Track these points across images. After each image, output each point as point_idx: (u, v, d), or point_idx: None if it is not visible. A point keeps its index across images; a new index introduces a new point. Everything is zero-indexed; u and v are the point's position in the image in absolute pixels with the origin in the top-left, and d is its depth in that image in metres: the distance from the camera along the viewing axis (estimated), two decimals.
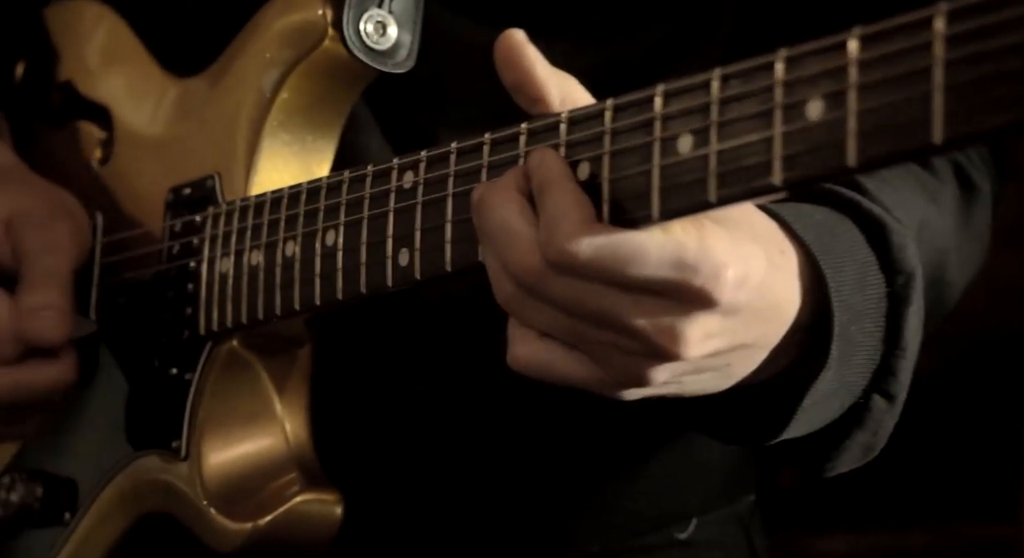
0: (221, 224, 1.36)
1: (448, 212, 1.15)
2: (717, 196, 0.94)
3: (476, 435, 1.42)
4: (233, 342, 1.36)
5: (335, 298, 1.24)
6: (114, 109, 1.54)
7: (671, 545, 1.46)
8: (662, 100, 0.98)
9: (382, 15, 1.32)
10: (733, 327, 1.03)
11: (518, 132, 1.10)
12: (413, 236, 1.17)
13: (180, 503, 1.37)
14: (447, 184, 1.15)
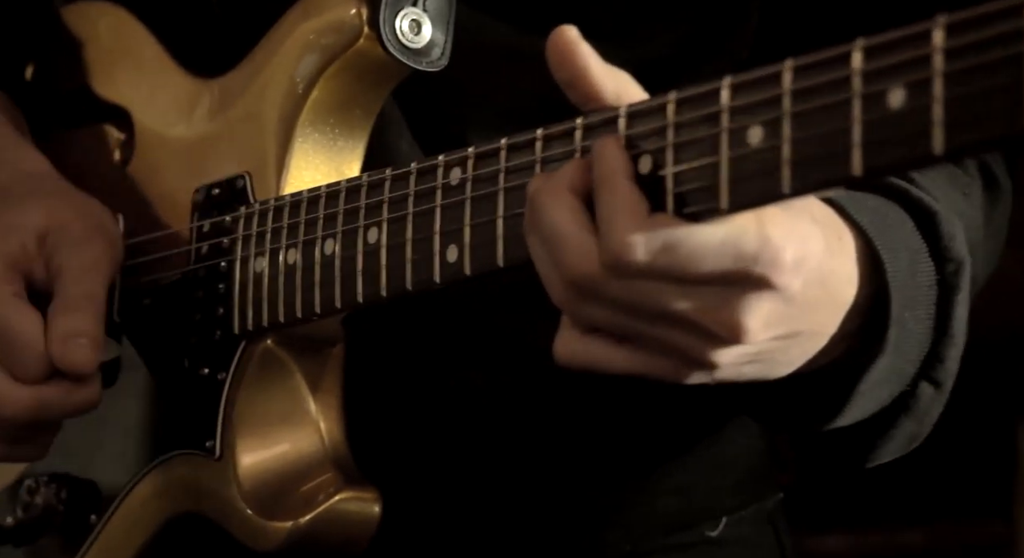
0: (254, 224, 1.35)
1: (500, 208, 1.14)
2: (791, 187, 0.94)
3: (508, 433, 1.41)
4: (267, 341, 1.35)
5: (379, 295, 1.24)
6: (133, 110, 1.53)
7: (702, 543, 1.45)
8: (730, 93, 0.98)
9: (417, 13, 1.31)
10: (791, 312, 1.03)
11: (573, 127, 1.10)
12: (462, 232, 1.17)
13: (214, 503, 1.36)
14: (498, 180, 1.15)
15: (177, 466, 1.39)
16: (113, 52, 1.58)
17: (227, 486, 1.34)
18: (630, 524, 1.43)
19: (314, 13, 1.35)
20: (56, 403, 1.34)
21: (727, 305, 1.00)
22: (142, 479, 1.42)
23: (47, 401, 1.33)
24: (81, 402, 1.34)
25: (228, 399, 1.36)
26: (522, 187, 1.12)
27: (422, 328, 1.41)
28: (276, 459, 1.35)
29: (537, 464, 1.42)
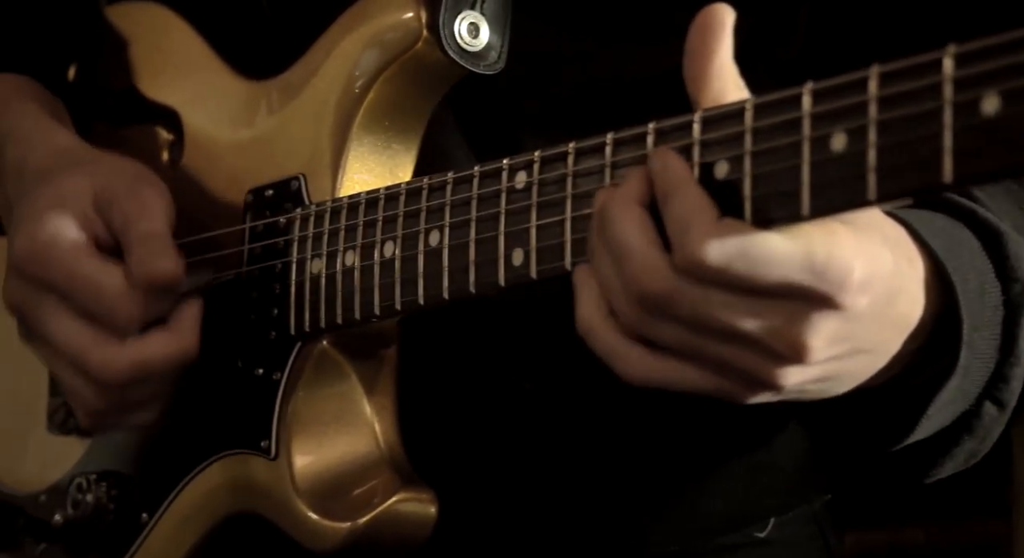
0: (311, 225, 1.34)
1: (567, 211, 1.13)
2: (877, 193, 0.93)
3: (558, 435, 1.40)
4: (323, 343, 1.34)
5: (441, 298, 1.23)
6: (183, 112, 1.52)
7: (750, 544, 1.45)
8: (811, 99, 0.97)
9: (475, 16, 1.30)
10: (855, 332, 1.02)
11: (645, 132, 1.09)
12: (528, 235, 1.16)
13: (270, 503, 1.35)
14: (565, 184, 1.14)
15: (231, 466, 1.38)
16: (160, 53, 1.57)
17: (283, 486, 1.33)
18: (677, 525, 1.43)
19: (372, 16, 1.34)
20: (157, 356, 1.32)
21: (791, 324, 1.00)
22: (194, 478, 1.41)
23: (147, 356, 1.31)
24: (179, 350, 1.32)
25: (283, 399, 1.34)
26: (591, 193, 1.11)
27: (474, 331, 1.40)
28: (332, 459, 1.34)
29: (586, 465, 1.41)
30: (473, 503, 1.40)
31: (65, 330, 1.32)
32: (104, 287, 1.31)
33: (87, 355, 1.32)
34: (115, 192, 1.34)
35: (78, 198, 1.34)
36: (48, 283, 1.33)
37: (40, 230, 1.33)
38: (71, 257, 1.33)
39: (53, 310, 1.33)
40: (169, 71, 1.55)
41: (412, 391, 1.37)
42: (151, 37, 1.58)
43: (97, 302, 1.31)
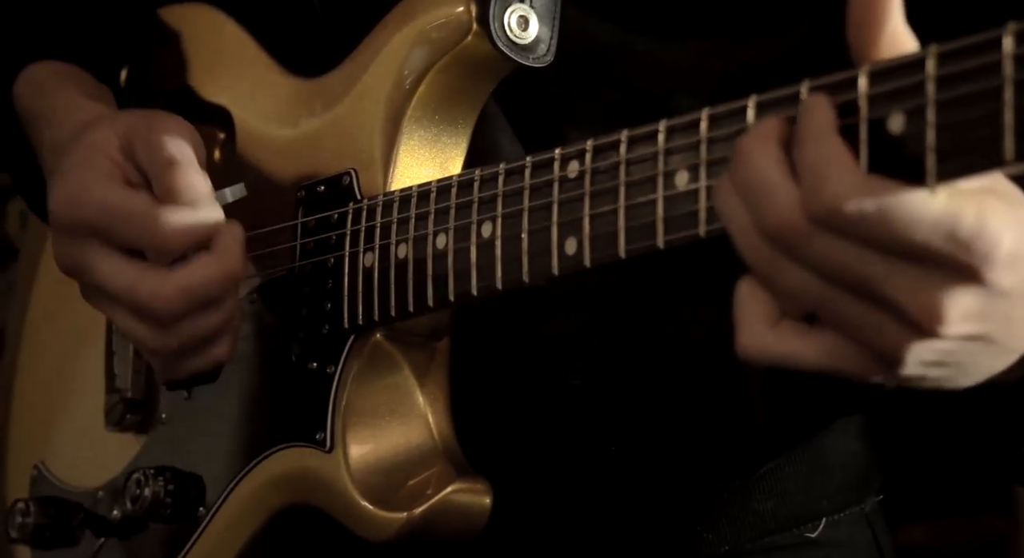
0: (363, 219, 1.33)
1: (621, 199, 1.12)
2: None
3: (607, 431, 1.39)
4: (376, 335, 1.33)
5: (494, 287, 1.22)
6: (234, 110, 1.51)
7: (801, 544, 1.43)
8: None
9: (525, 10, 1.29)
10: (994, 312, 0.96)
11: (698, 119, 1.07)
12: (581, 224, 1.15)
13: (327, 494, 1.34)
14: (618, 172, 1.13)
15: (286, 458, 1.37)
16: (212, 53, 1.56)
17: (340, 477, 1.32)
18: (728, 525, 1.41)
19: (422, 10, 1.33)
20: (202, 278, 1.29)
21: (929, 287, 0.94)
22: (250, 472, 1.40)
23: (193, 279, 1.29)
24: (224, 271, 1.29)
25: (338, 392, 1.33)
26: (645, 180, 1.10)
27: (524, 325, 1.38)
28: (387, 451, 1.33)
29: (636, 462, 1.39)
30: (522, 497, 1.39)
31: (111, 269, 1.31)
32: (138, 211, 1.29)
33: (135, 289, 1.29)
34: (137, 132, 1.33)
35: (104, 146, 1.33)
36: (86, 226, 1.31)
37: (71, 179, 1.33)
38: (100, 193, 1.31)
39: (96, 252, 1.31)
40: (220, 71, 1.55)
41: (463, 383, 1.35)
42: (203, 38, 1.58)
43: (134, 229, 1.29)
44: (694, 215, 1.06)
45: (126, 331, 1.35)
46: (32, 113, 1.49)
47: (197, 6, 1.60)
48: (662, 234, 1.09)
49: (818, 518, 1.43)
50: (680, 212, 1.07)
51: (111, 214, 1.30)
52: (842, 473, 1.44)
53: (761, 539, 1.42)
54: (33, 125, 1.49)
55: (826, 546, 1.43)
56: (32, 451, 1.70)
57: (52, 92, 1.48)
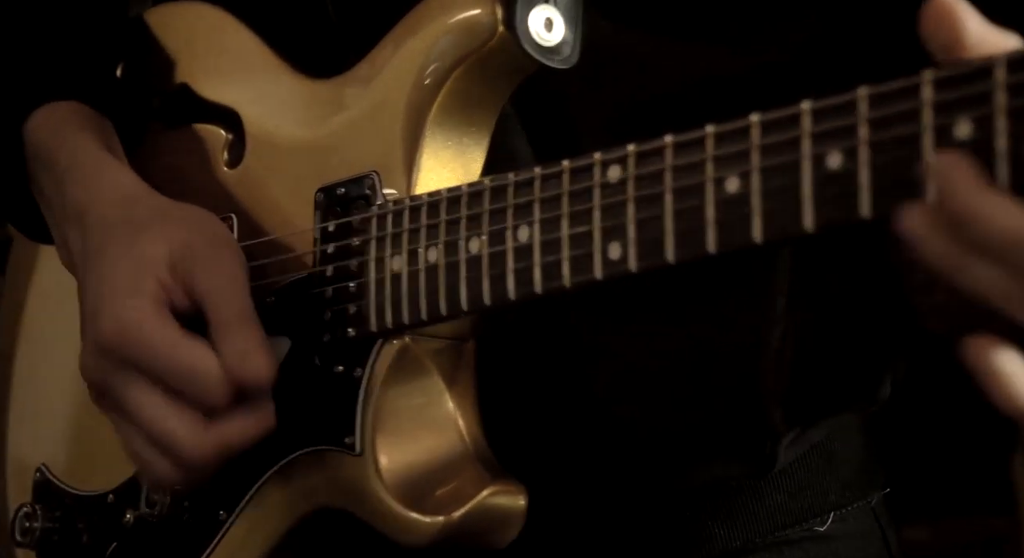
0: (389, 224, 1.32)
1: (667, 205, 1.11)
2: None
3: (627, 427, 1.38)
4: (405, 339, 1.32)
5: (533, 292, 1.21)
6: (243, 112, 1.48)
7: (811, 538, 1.43)
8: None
9: (550, 11, 1.28)
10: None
11: (747, 125, 1.07)
12: (625, 230, 1.14)
13: (357, 498, 1.32)
14: (663, 178, 1.12)
15: (313, 462, 1.36)
16: (214, 52, 1.53)
17: (371, 481, 1.31)
18: (740, 520, 1.41)
19: (445, 11, 1.31)
20: (241, 437, 1.30)
21: None
22: (274, 475, 1.38)
23: (233, 437, 1.30)
24: (262, 429, 1.30)
25: (366, 395, 1.32)
26: (692, 187, 1.09)
27: (547, 323, 1.37)
28: (419, 454, 1.32)
29: (652, 459, 1.39)
30: (545, 497, 1.38)
31: (152, 410, 1.30)
32: (200, 371, 1.28)
33: (176, 438, 1.29)
34: (195, 255, 1.31)
35: (156, 263, 1.31)
36: (137, 362, 1.30)
37: (125, 313, 1.30)
38: (163, 338, 1.29)
39: (140, 389, 1.30)
40: (225, 70, 1.52)
41: (487, 384, 1.35)
42: (203, 36, 1.55)
43: (190, 385, 1.28)
44: (747, 220, 1.06)
45: (138, 456, 1.34)
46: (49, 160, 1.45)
47: (194, 4, 1.56)
48: (714, 240, 1.08)
49: (826, 512, 1.44)
50: (733, 218, 1.07)
51: (170, 364, 1.29)
52: (848, 467, 1.45)
53: (772, 534, 1.42)
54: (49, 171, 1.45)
55: (835, 539, 1.44)
56: (34, 454, 1.66)
57: (73, 144, 1.44)
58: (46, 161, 1.44)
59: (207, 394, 1.28)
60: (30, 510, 1.59)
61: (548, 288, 1.19)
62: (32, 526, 1.58)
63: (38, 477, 1.64)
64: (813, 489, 1.42)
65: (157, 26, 1.58)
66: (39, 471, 1.64)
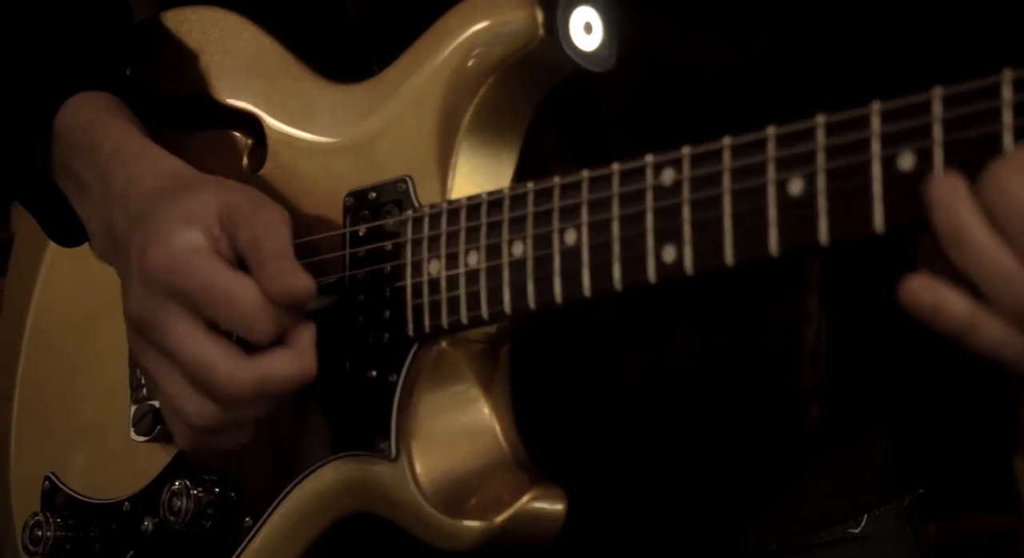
0: (425, 227, 1.29)
1: (726, 208, 1.09)
2: None
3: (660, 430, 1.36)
4: (442, 344, 1.29)
5: (581, 295, 1.18)
6: (264, 116, 1.45)
7: (846, 540, 1.42)
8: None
9: (590, 14, 1.26)
10: None
11: (813, 126, 1.05)
12: (680, 232, 1.12)
13: (392, 503, 1.29)
14: (721, 181, 1.10)
15: (345, 468, 1.33)
16: (231, 57, 1.50)
17: (406, 487, 1.28)
18: (776, 523, 1.40)
19: (483, 15, 1.28)
20: (281, 374, 1.24)
21: None
22: (303, 481, 1.35)
23: (273, 372, 1.24)
24: (302, 370, 1.25)
25: (401, 400, 1.29)
26: (752, 189, 1.07)
27: (579, 325, 1.35)
28: (456, 459, 1.29)
29: (688, 464, 1.37)
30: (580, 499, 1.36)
31: (192, 340, 1.26)
32: (241, 297, 1.24)
33: (214, 367, 1.25)
34: (241, 210, 1.28)
35: (205, 213, 1.28)
36: (182, 292, 1.26)
37: (174, 240, 1.27)
38: (208, 267, 1.26)
39: (182, 319, 1.26)
40: (243, 74, 1.48)
41: (522, 387, 1.32)
42: (218, 41, 1.51)
43: (232, 311, 1.24)
44: (812, 222, 1.04)
45: (173, 396, 1.29)
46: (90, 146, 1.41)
47: (208, 8, 1.53)
48: (776, 242, 1.06)
49: (860, 514, 1.42)
50: (796, 220, 1.05)
51: (215, 295, 1.25)
52: (882, 468, 1.44)
53: (807, 536, 1.41)
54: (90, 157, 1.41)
55: (869, 541, 1.43)
56: (42, 462, 1.62)
57: (116, 130, 1.41)
58: (86, 147, 1.40)
59: (248, 322, 1.24)
60: (41, 518, 1.55)
61: (597, 291, 1.17)
62: (44, 535, 1.54)
63: (47, 486, 1.60)
64: (847, 491, 1.41)
65: (168, 30, 1.55)
66: (47, 479, 1.60)
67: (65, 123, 1.43)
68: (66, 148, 1.42)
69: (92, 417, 1.58)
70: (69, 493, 1.57)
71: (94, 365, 1.59)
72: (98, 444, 1.57)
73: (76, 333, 1.62)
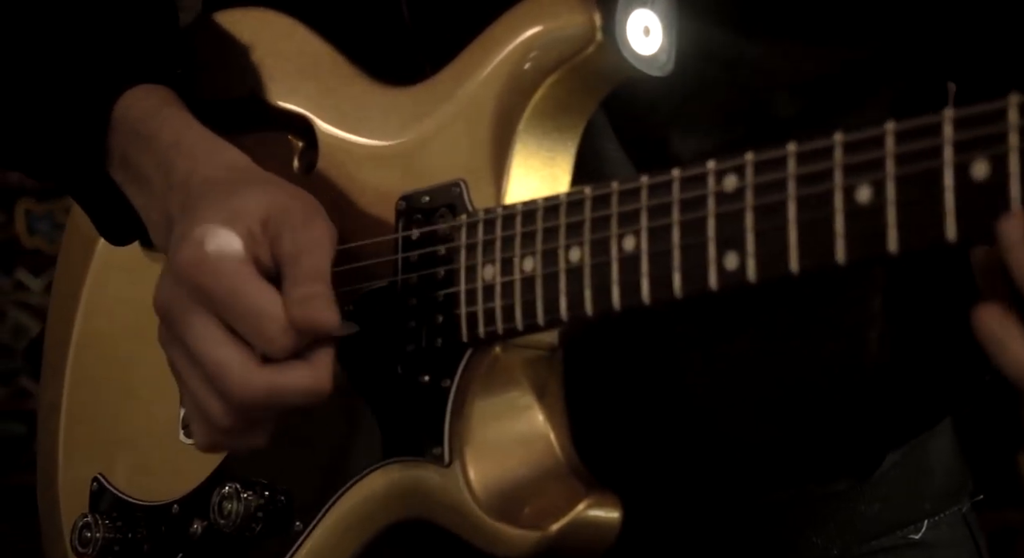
0: (480, 232, 1.26)
1: (791, 215, 1.06)
2: None
3: (721, 434, 1.33)
4: (496, 349, 1.26)
5: (640, 302, 1.15)
6: (315, 118, 1.42)
7: (906, 546, 1.39)
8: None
9: (648, 17, 1.22)
10: None
11: (882, 133, 1.01)
12: (743, 239, 1.08)
13: (445, 509, 1.26)
14: (786, 188, 1.06)
15: (397, 473, 1.29)
16: (281, 59, 1.47)
17: (460, 493, 1.25)
18: (837, 529, 1.37)
19: (541, 17, 1.25)
20: (292, 387, 1.22)
21: None
22: (354, 486, 1.32)
23: (284, 384, 1.22)
24: (315, 386, 1.22)
25: (454, 406, 1.26)
26: (819, 196, 1.04)
27: (634, 329, 1.32)
28: (510, 465, 1.26)
29: (748, 469, 1.34)
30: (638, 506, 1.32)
31: (210, 341, 1.23)
32: (265, 313, 1.21)
33: (228, 371, 1.22)
34: (289, 217, 1.25)
35: (250, 215, 1.25)
36: (207, 293, 1.24)
37: (209, 240, 1.24)
38: (237, 274, 1.23)
39: (203, 319, 1.24)
40: (294, 76, 1.45)
41: (575, 393, 1.29)
42: (268, 43, 1.48)
43: (252, 325, 1.22)
44: (881, 231, 1.01)
45: (190, 393, 1.27)
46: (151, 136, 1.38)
47: (257, 9, 1.50)
48: (843, 251, 1.03)
49: (921, 520, 1.39)
50: (865, 228, 1.02)
51: (239, 303, 1.22)
52: (942, 474, 1.41)
53: (868, 542, 1.37)
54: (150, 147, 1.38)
55: (929, 547, 1.39)
56: (90, 464, 1.59)
57: (178, 121, 1.38)
58: (146, 137, 1.37)
59: (267, 336, 1.21)
60: (90, 520, 1.52)
61: (657, 298, 1.14)
62: (93, 536, 1.51)
63: (95, 487, 1.57)
64: (909, 496, 1.37)
65: (217, 31, 1.52)
66: (95, 481, 1.57)
67: (123, 114, 1.40)
68: (125, 139, 1.39)
69: (141, 420, 1.56)
70: (117, 495, 1.54)
71: (143, 369, 1.56)
72: (147, 446, 1.54)
73: (125, 337, 1.59)
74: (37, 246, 2.59)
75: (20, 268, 2.66)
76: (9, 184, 2.33)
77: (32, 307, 2.67)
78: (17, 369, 2.82)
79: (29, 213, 2.34)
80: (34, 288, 2.66)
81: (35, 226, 2.56)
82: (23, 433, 2.71)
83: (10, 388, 2.77)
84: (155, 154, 1.37)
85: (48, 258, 2.58)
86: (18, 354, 2.79)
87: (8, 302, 2.64)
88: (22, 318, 2.73)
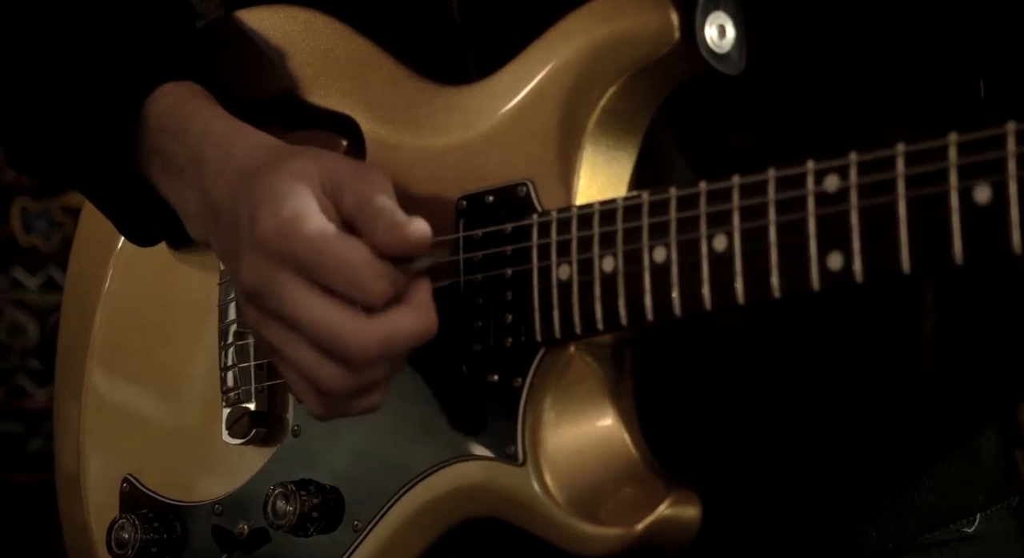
0: (552, 232, 1.19)
1: (900, 215, 1.01)
2: None
3: (782, 434, 1.28)
4: (571, 348, 1.20)
5: (734, 301, 1.09)
6: (360, 118, 1.34)
7: (959, 539, 1.34)
8: None
9: (723, 18, 1.16)
10: None
11: (1002, 134, 0.96)
12: (848, 239, 1.03)
13: (520, 508, 1.20)
14: (894, 188, 1.01)
15: (466, 471, 1.23)
16: (318, 57, 1.38)
17: (536, 492, 1.19)
18: (892, 522, 1.32)
19: (613, 18, 1.18)
20: (404, 330, 1.15)
21: None
22: (416, 484, 1.26)
23: (398, 329, 1.15)
24: (425, 324, 1.16)
25: (527, 405, 1.20)
26: (931, 197, 0.99)
27: (700, 331, 1.26)
28: (585, 464, 1.20)
29: (811, 464, 1.29)
30: (704, 503, 1.27)
31: (315, 305, 1.15)
32: (355, 262, 1.14)
33: (340, 329, 1.14)
34: (342, 174, 1.18)
35: (309, 180, 1.17)
36: (295, 258, 1.15)
37: (284, 206, 1.16)
38: (320, 232, 1.15)
39: (299, 287, 1.15)
40: (332, 74, 1.37)
41: (644, 389, 1.23)
42: (302, 41, 1.40)
43: (347, 276, 1.14)
44: (1003, 231, 0.96)
45: (301, 364, 1.18)
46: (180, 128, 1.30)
47: (286, 7, 1.41)
48: (961, 251, 0.98)
49: (973, 513, 1.35)
50: (983, 228, 0.97)
51: (327, 259, 1.14)
52: (993, 467, 1.37)
53: (922, 535, 1.33)
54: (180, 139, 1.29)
55: (982, 541, 1.35)
56: (119, 464, 1.50)
57: (204, 111, 1.30)
58: (175, 131, 1.30)
59: (364, 285, 1.14)
60: (125, 521, 1.43)
61: (753, 298, 1.08)
62: (130, 538, 1.42)
63: (125, 488, 1.48)
64: (961, 490, 1.33)
65: (241, 31, 1.43)
66: (126, 481, 1.48)
67: (151, 110, 1.32)
68: (155, 134, 1.31)
69: (174, 421, 1.47)
70: (151, 495, 1.46)
71: (171, 371, 1.47)
72: (182, 447, 1.45)
73: (150, 339, 1.50)
74: (33, 244, 2.48)
75: (16, 266, 2.55)
76: (5, 182, 2.22)
77: (28, 305, 2.56)
78: (14, 368, 2.71)
79: (25, 211, 2.24)
80: (30, 286, 2.55)
81: (31, 224, 2.45)
82: (20, 432, 2.60)
83: (7, 387, 2.66)
84: (186, 147, 1.29)
85: (44, 256, 2.48)
86: (15, 352, 2.68)
87: (5, 300, 2.53)
88: (18, 316, 2.62)
